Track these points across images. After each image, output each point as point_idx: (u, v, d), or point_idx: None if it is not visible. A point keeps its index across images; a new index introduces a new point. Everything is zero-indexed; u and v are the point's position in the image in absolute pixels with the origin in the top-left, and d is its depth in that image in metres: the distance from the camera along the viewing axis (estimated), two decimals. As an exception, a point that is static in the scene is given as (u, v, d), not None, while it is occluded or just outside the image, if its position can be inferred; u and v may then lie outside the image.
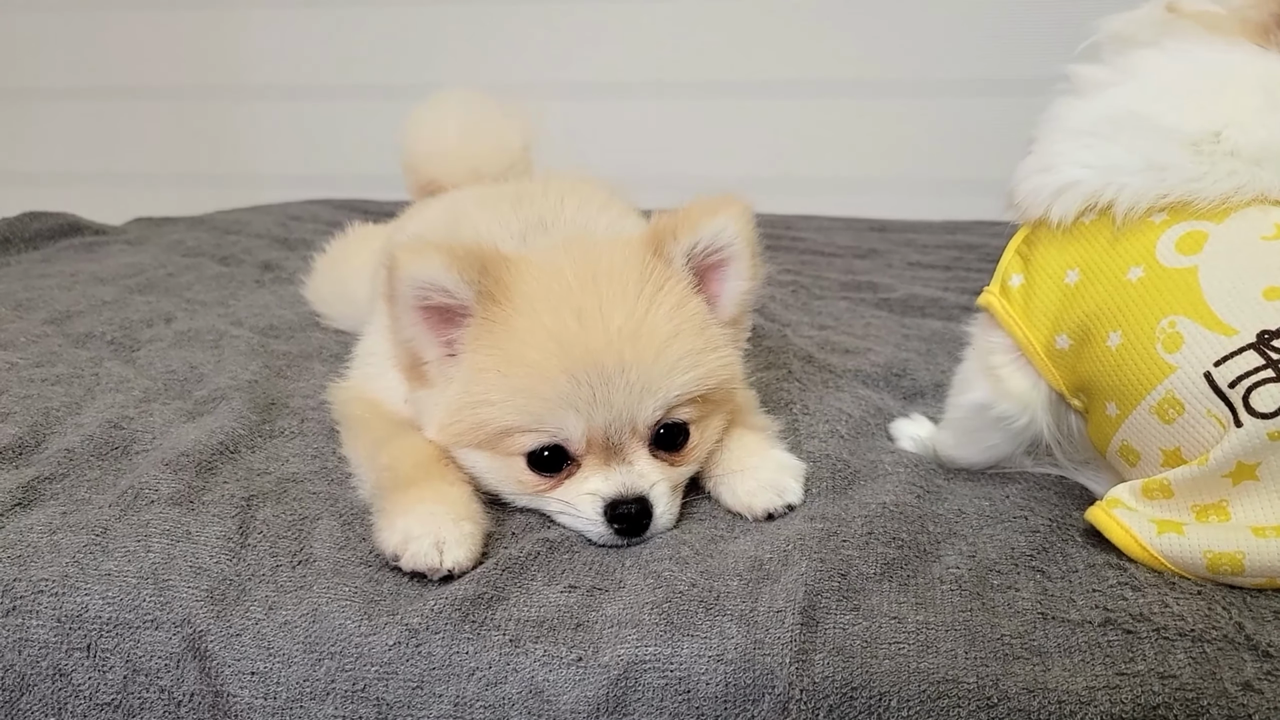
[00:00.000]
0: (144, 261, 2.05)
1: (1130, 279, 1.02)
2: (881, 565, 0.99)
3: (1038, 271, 1.11)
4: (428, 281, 1.04)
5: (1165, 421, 0.96)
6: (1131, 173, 1.05)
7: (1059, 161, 1.10)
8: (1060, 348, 1.08)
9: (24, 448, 1.22)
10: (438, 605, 0.95)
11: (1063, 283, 1.08)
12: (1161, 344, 0.97)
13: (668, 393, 1.06)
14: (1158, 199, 1.03)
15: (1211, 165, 1.02)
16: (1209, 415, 0.93)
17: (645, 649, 0.90)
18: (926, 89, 2.76)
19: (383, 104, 2.95)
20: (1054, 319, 1.08)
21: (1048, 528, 1.05)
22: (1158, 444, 0.98)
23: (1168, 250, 1.01)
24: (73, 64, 3.11)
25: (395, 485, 1.05)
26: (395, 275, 1.04)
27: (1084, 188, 1.07)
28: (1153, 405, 0.97)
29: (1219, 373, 0.93)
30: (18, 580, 0.99)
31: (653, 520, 1.06)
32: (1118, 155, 1.06)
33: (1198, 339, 0.95)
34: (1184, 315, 0.97)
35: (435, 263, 1.03)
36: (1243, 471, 0.91)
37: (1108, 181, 1.06)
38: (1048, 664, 0.87)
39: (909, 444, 1.27)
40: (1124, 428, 1.01)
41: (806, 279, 2.01)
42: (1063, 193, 1.08)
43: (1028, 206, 1.12)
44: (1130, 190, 1.04)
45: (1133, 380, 0.99)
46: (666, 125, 2.87)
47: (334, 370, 1.42)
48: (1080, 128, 1.10)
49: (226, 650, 0.94)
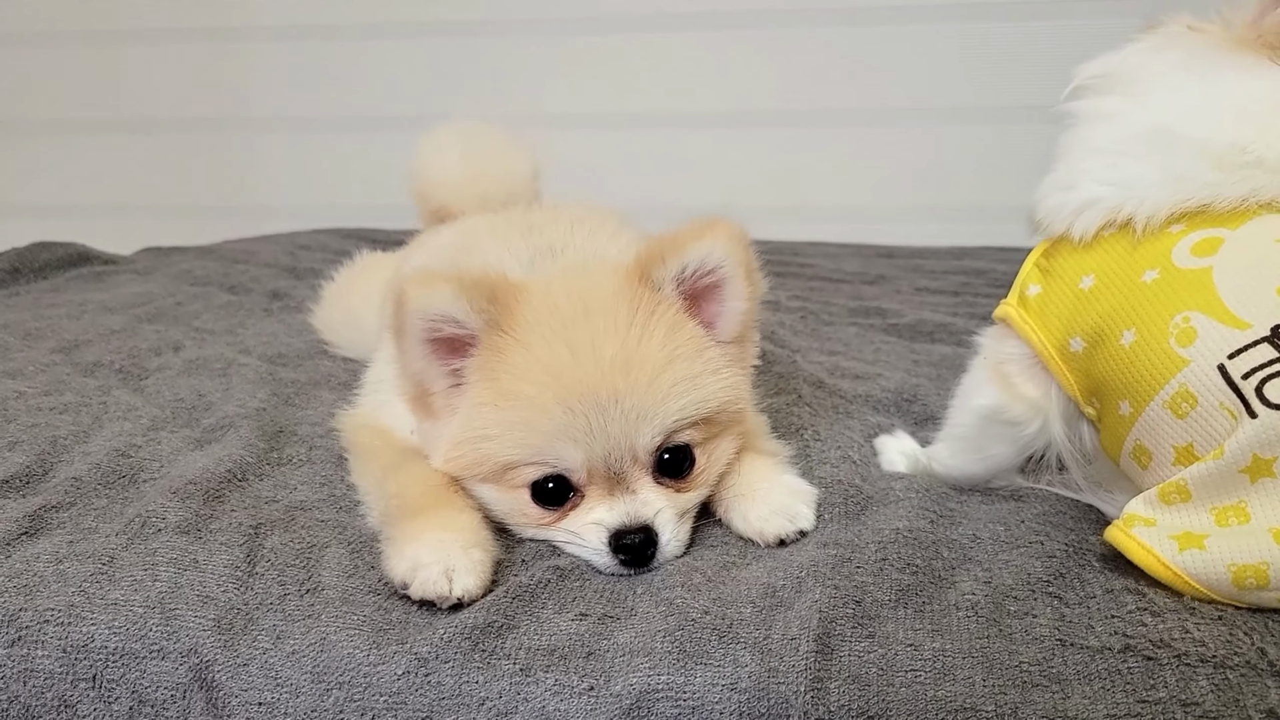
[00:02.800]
0: (152, 291, 2.05)
1: (1144, 280, 1.03)
2: (896, 592, 0.98)
3: (1055, 280, 1.12)
4: (438, 313, 1.03)
5: (1178, 416, 0.96)
6: (1151, 185, 1.06)
7: (1082, 180, 1.11)
8: (1074, 350, 1.08)
9: (31, 476, 1.22)
10: (447, 634, 0.94)
11: (1077, 288, 1.09)
12: (1175, 339, 0.98)
13: (664, 419, 1.05)
14: (1176, 206, 1.05)
15: (1230, 173, 1.04)
16: (1222, 408, 0.93)
17: (658, 678, 0.89)
18: (931, 116, 2.77)
19: (390, 135, 2.94)
20: (1068, 323, 1.09)
21: (1064, 552, 1.03)
22: (1170, 441, 0.98)
23: (1183, 254, 1.02)
24: (82, 97, 3.13)
25: (404, 513, 1.04)
26: (404, 308, 1.04)
27: (1105, 204, 1.08)
28: (1166, 400, 0.97)
29: (1232, 365, 0.93)
30: (23, 610, 0.99)
31: (658, 549, 1.05)
32: (1139, 170, 1.08)
33: (1211, 333, 0.96)
34: (1198, 310, 0.98)
35: (445, 293, 1.03)
36: (1259, 467, 0.91)
37: (1128, 196, 1.07)
38: (1067, 692, 0.86)
39: (898, 459, 1.26)
40: (1137, 426, 1.01)
41: (815, 305, 2.01)
42: (1084, 210, 1.10)
43: (1050, 223, 1.13)
44: (1150, 202, 1.06)
45: (1146, 376, 0.99)
46: (674, 155, 2.87)
47: (342, 398, 1.42)
48: (1107, 146, 1.11)
49: (234, 680, 0.93)
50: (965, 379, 1.22)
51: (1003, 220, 2.53)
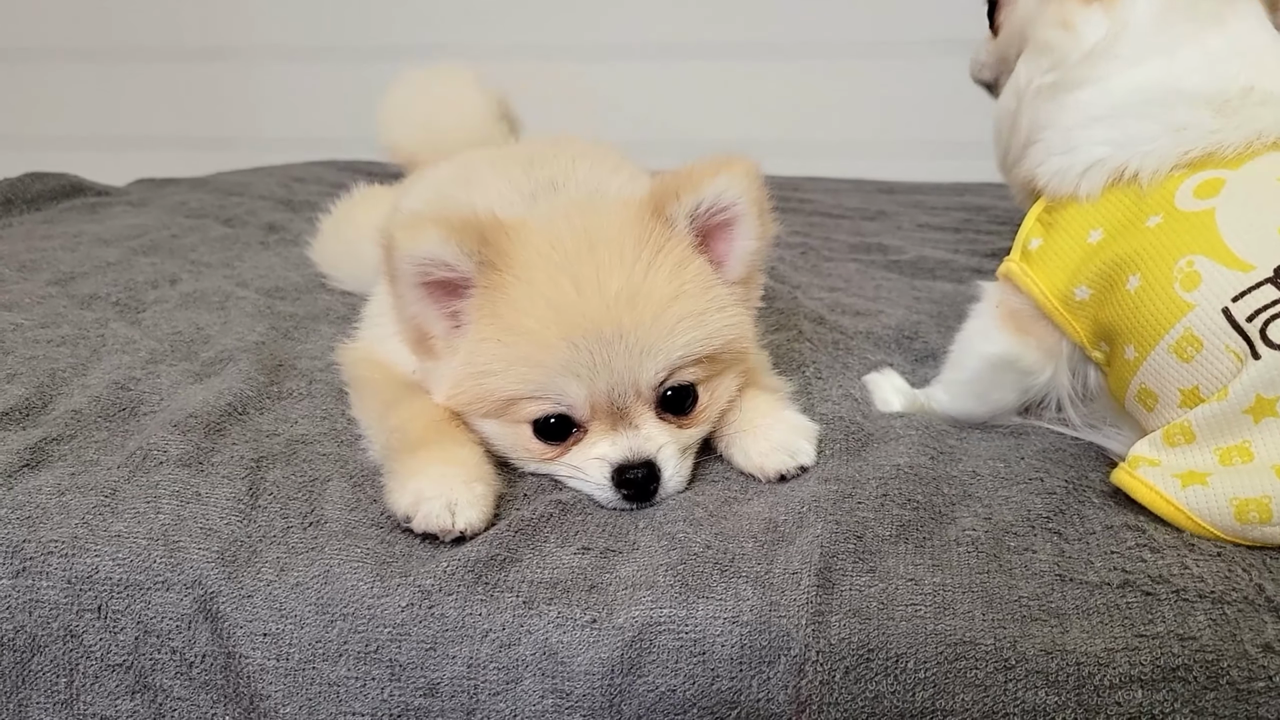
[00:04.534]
0: (147, 223, 2.03)
1: (1149, 225, 1.03)
2: (897, 527, 0.99)
3: (1060, 232, 1.11)
4: (427, 257, 1.02)
5: (1183, 359, 0.97)
6: (1152, 139, 1.06)
7: (1080, 142, 1.11)
8: (1080, 299, 1.08)
9: (31, 409, 1.21)
10: (450, 567, 0.94)
11: (1085, 241, 1.09)
12: (1179, 283, 0.98)
13: (669, 355, 1.04)
14: (1181, 156, 1.05)
15: (1231, 116, 1.04)
16: (1227, 350, 0.94)
17: (660, 610, 0.90)
18: (932, 50, 2.72)
19: (386, 66, 2.89)
20: (1072, 271, 1.09)
21: (1064, 489, 1.04)
22: (1175, 384, 0.98)
23: (1186, 196, 1.02)
24: (74, 25, 3.08)
25: (406, 447, 1.04)
26: (394, 254, 1.02)
27: (1109, 163, 1.09)
28: (1171, 344, 0.98)
29: (1237, 308, 0.94)
30: (27, 541, 0.99)
31: (661, 484, 1.05)
32: (1141, 126, 1.08)
33: (1215, 276, 0.96)
34: (1201, 254, 0.98)
35: (433, 237, 1.02)
36: (1263, 407, 0.91)
37: (1131, 153, 1.07)
38: (1066, 626, 0.87)
39: (893, 398, 1.25)
40: (1142, 370, 1.01)
41: (816, 241, 1.99)
42: (1088, 170, 1.10)
43: (1054, 188, 1.13)
44: (1154, 156, 1.06)
45: (1151, 320, 1.00)
46: (672, 88, 2.83)
47: (341, 332, 1.41)
48: (1104, 108, 1.11)
49: (238, 611, 0.94)
50: (969, 325, 1.21)
51: (1005, 156, 2.52)
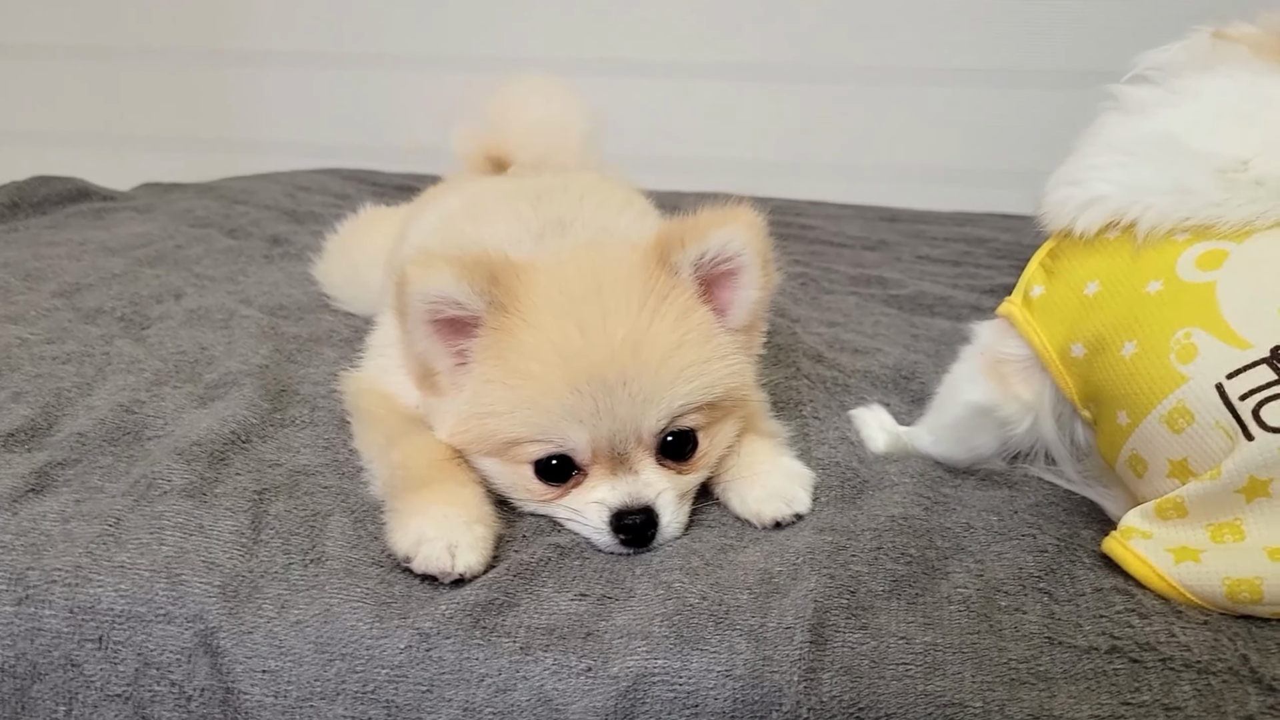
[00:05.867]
0: (153, 232, 2.03)
1: (1148, 291, 1.03)
2: (890, 582, 1.00)
3: (1060, 282, 1.12)
4: (440, 295, 1.04)
5: (1175, 431, 0.97)
6: (1157, 193, 1.06)
7: (1089, 176, 1.11)
8: (1075, 356, 1.09)
9: (36, 430, 1.22)
10: (449, 610, 0.96)
11: (1081, 293, 1.09)
12: (1175, 354, 0.98)
13: (670, 403, 1.06)
14: (1181, 221, 1.05)
15: (1235, 192, 1.03)
16: (1217, 426, 0.94)
17: (654, 661, 0.91)
18: (936, 77, 2.74)
19: (391, 74, 2.92)
20: (1070, 327, 1.09)
21: (1055, 547, 1.05)
22: (1165, 454, 0.98)
23: (1188, 266, 1.02)
24: (81, 23, 3.08)
25: (408, 485, 1.05)
26: (406, 291, 1.04)
27: (1109, 204, 1.08)
28: (1163, 415, 0.98)
29: (1231, 385, 0.94)
30: (30, 569, 1.00)
31: (659, 530, 1.06)
32: (1147, 176, 1.07)
33: (1212, 351, 0.96)
34: (1199, 327, 0.98)
35: (446, 276, 1.03)
36: (1255, 487, 0.92)
37: (1133, 200, 1.07)
38: (1053, 691, 0.88)
39: (878, 436, 1.26)
40: (1134, 437, 1.01)
41: (816, 271, 2.01)
42: (1088, 207, 1.10)
43: (1054, 217, 1.13)
44: (1155, 211, 1.06)
45: (1145, 389, 1.00)
46: (678, 107, 2.84)
47: (345, 356, 1.42)
48: (1119, 145, 1.11)
49: (238, 647, 0.95)
50: (956, 369, 1.23)
51: (1006, 185, 2.54)
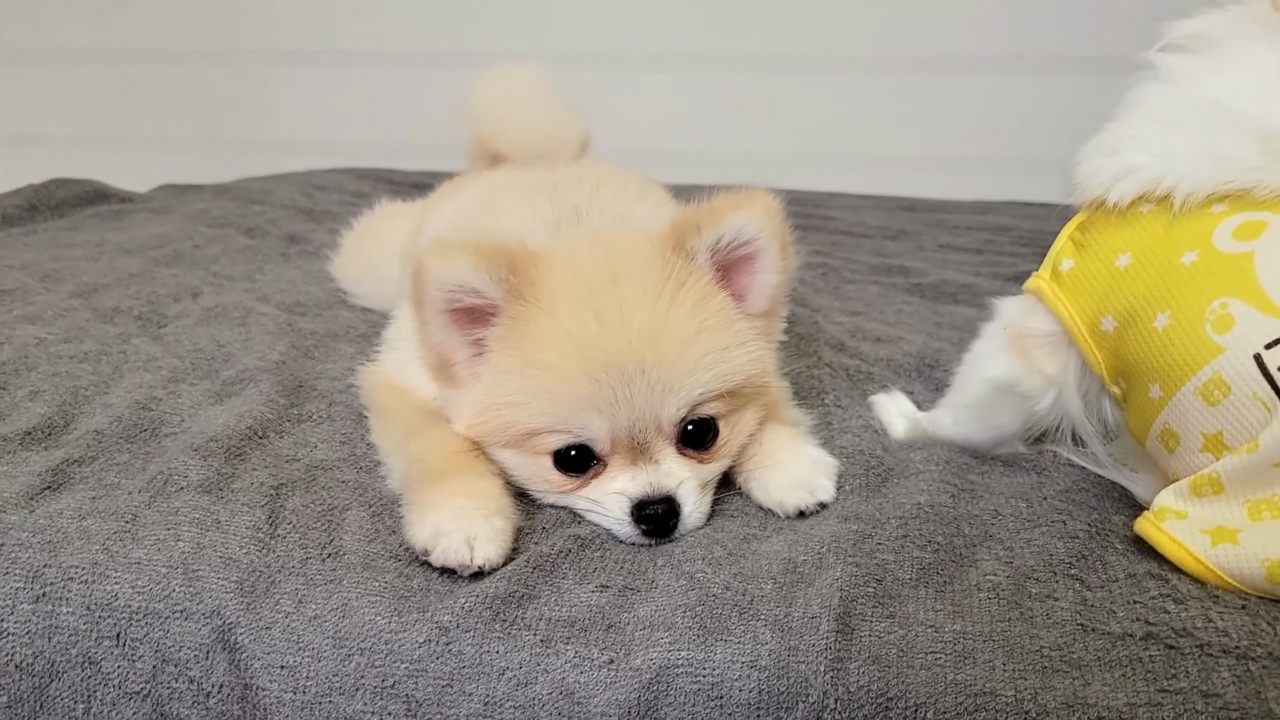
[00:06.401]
0: (170, 232, 2.04)
1: (1183, 262, 1.01)
2: (917, 570, 0.98)
3: (1090, 255, 1.10)
4: (457, 284, 1.02)
5: (1209, 403, 0.95)
6: (1195, 160, 1.04)
7: (1126, 146, 1.09)
8: (1104, 329, 1.07)
9: (53, 428, 1.22)
10: (468, 603, 0.94)
11: (1112, 266, 1.07)
12: (1211, 325, 0.96)
13: (690, 391, 1.04)
14: (1218, 186, 1.02)
15: (1276, 159, 1.01)
16: (1254, 398, 0.92)
17: (678, 653, 0.89)
18: (956, 65, 2.72)
19: (409, 72, 2.92)
20: (1100, 300, 1.07)
21: (1086, 533, 1.03)
22: (1199, 428, 0.96)
23: (1224, 236, 1.00)
24: (96, 27, 3.09)
25: (425, 478, 1.04)
26: (423, 280, 1.03)
27: (1145, 173, 1.06)
28: (1197, 387, 0.96)
29: (1270, 356, 0.92)
30: (48, 566, 0.99)
31: (680, 520, 1.05)
32: (1186, 144, 1.05)
33: (1249, 321, 0.94)
34: (1236, 297, 0.96)
35: (463, 264, 1.02)
36: None
37: (1169, 169, 1.05)
38: (1088, 678, 0.86)
39: (897, 421, 1.25)
40: (1166, 411, 0.99)
41: (837, 261, 1.99)
42: (1123, 177, 1.08)
43: (1087, 186, 1.11)
44: (1192, 179, 1.03)
45: (1178, 361, 0.98)
46: (695, 100, 2.83)
47: (362, 351, 1.41)
48: (1159, 115, 1.09)
49: (256, 643, 0.94)
50: (977, 346, 1.21)
51: (1027, 173, 2.51)
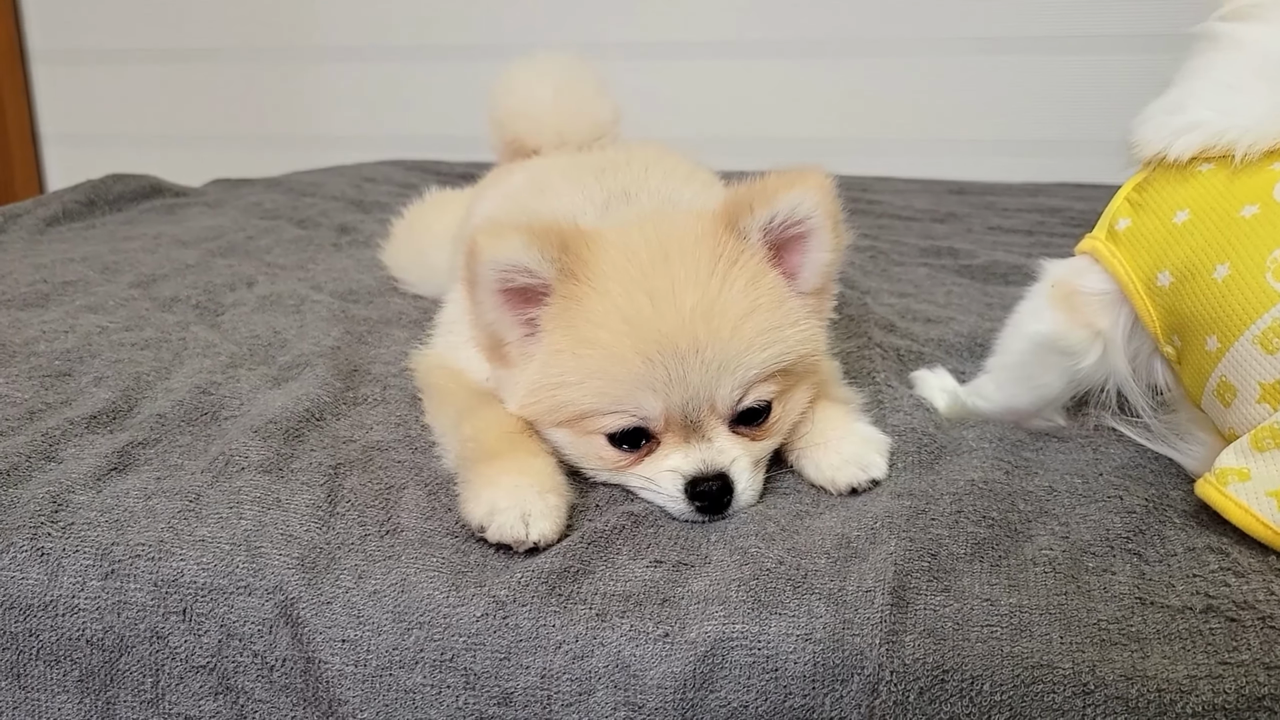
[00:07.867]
0: (224, 224, 2.07)
1: (1244, 215, 1.00)
2: (972, 545, 0.98)
3: (1147, 213, 1.09)
4: (510, 263, 1.03)
5: (1268, 351, 0.95)
6: (1256, 117, 1.04)
7: (1188, 103, 1.09)
8: (1160, 285, 1.06)
9: (118, 412, 1.25)
10: (524, 578, 0.95)
11: (1170, 222, 1.07)
12: (1272, 273, 0.96)
13: (745, 371, 1.04)
14: (1277, 142, 1.02)
15: None
16: None
17: (733, 626, 0.90)
18: (1004, 47, 2.69)
19: (455, 65, 2.95)
20: (1158, 256, 1.07)
21: (1144, 508, 1.02)
22: (1257, 377, 0.96)
23: None
24: (150, 28, 3.15)
25: (480, 456, 1.05)
26: (476, 260, 1.03)
27: (1207, 129, 1.06)
28: (1257, 335, 0.96)
29: None
30: (115, 544, 1.02)
31: (734, 497, 1.05)
32: (1249, 101, 1.05)
33: None
34: None
35: (515, 243, 1.02)
36: None
37: (1230, 124, 1.05)
38: (1146, 651, 0.85)
39: (938, 396, 1.25)
40: (1224, 362, 0.99)
41: (885, 244, 1.98)
42: (1185, 132, 1.07)
43: (1148, 143, 1.10)
44: (1252, 134, 1.03)
45: (1237, 310, 0.98)
46: (741, 86, 2.82)
47: (414, 336, 1.43)
48: (1221, 78, 1.09)
49: (318, 618, 0.96)
50: (1021, 306, 1.20)
51: (1079, 154, 2.48)
